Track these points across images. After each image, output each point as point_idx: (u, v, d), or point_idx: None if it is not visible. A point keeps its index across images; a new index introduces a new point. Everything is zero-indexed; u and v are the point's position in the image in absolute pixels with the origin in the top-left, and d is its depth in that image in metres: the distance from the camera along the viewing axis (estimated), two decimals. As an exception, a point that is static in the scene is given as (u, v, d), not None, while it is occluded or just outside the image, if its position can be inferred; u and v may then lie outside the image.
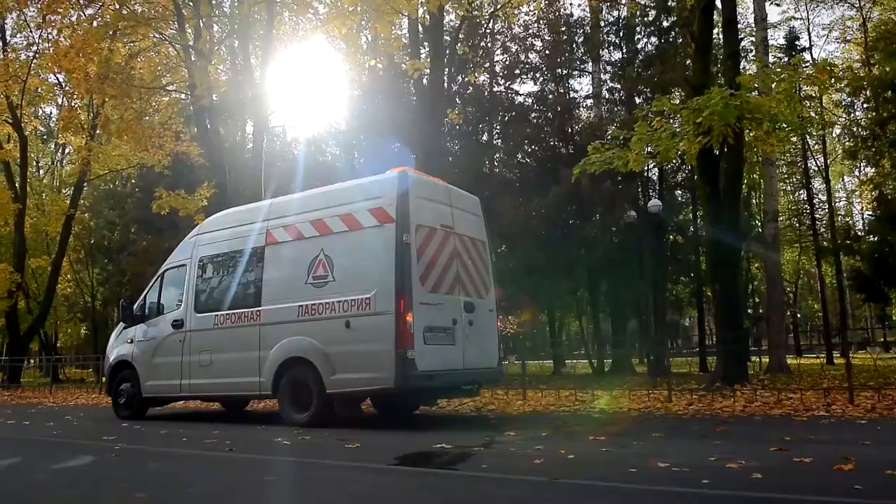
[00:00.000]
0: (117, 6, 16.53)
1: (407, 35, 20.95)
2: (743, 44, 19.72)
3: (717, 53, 18.06)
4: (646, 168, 19.46)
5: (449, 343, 7.81)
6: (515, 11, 23.26)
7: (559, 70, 23.77)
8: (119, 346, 10.20)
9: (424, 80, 18.42)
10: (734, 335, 12.37)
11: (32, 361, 31.60)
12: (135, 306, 10.10)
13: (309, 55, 19.05)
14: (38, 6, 17.77)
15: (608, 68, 24.36)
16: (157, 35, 17.87)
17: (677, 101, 15.78)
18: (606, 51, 24.41)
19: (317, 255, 8.03)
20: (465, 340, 7.99)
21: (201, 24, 16.54)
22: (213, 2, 18.70)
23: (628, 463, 4.74)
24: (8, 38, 26.03)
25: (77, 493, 4.38)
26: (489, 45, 25.15)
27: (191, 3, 16.46)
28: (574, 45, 24.47)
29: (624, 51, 23.85)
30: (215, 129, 17.01)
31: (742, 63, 17.13)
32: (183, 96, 21.89)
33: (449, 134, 21.63)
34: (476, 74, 23.88)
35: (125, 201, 28.20)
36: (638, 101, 21.74)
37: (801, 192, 32.45)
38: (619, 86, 23.77)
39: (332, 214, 8.11)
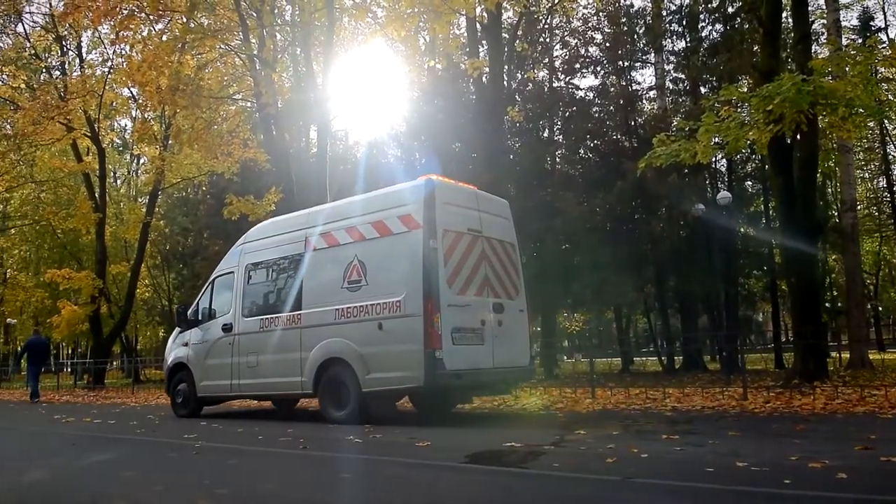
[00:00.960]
0: (185, 20, 17.12)
1: (465, 34, 21.00)
2: (814, 27, 19.00)
3: (787, 38, 17.44)
4: (714, 159, 18.94)
5: (478, 343, 8.10)
6: (574, 5, 23.04)
7: (620, 62, 23.37)
8: (176, 348, 10.87)
9: (484, 79, 18.42)
10: (812, 330, 11.90)
11: (115, 363, 33.08)
12: (189, 311, 10.81)
13: (368, 59, 19.30)
14: (112, 23, 18.50)
15: (671, 58, 23.83)
16: (223, 46, 18.40)
17: (745, 90, 15.31)
18: (669, 40, 23.86)
19: (351, 260, 8.49)
20: (494, 340, 8.26)
21: (265, 34, 16.97)
22: (276, 11, 19.15)
23: (705, 462, 4.64)
24: (84, 55, 27.26)
25: (163, 489, 4.56)
26: (548, 40, 24.94)
27: (254, 14, 16.88)
28: (635, 37, 24.01)
29: (687, 39, 23.25)
30: (281, 136, 17.39)
31: (813, 47, 16.51)
32: (249, 104, 22.49)
33: (509, 132, 21.54)
34: (535, 71, 23.71)
35: (197, 208, 29.13)
36: (703, 90, 21.17)
37: (880, 179, 31.03)
38: (683, 76, 23.19)
39: (364, 222, 8.54)
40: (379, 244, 8.31)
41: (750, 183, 23.30)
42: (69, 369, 35.72)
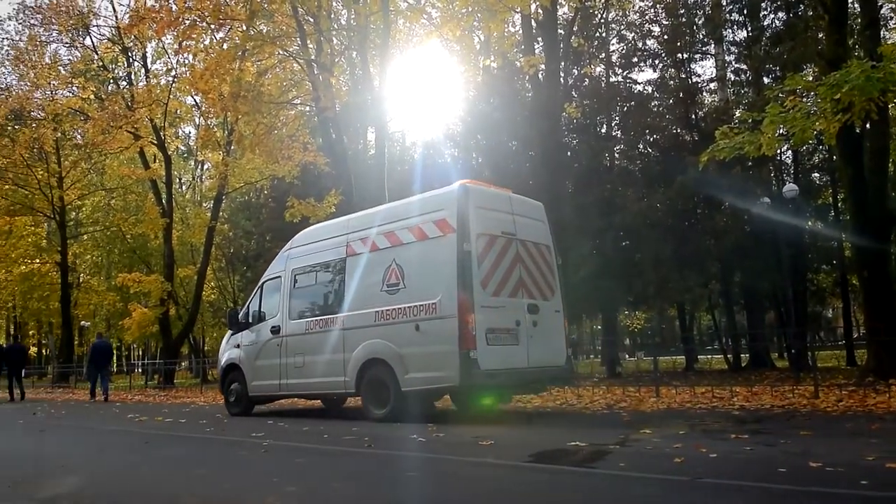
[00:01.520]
0: (245, 28, 17.53)
1: (520, 32, 20.88)
2: (882, 11, 18.23)
3: (853, 24, 16.78)
4: (779, 151, 18.37)
5: (512, 343, 8.29)
6: (630, -1, 22.68)
7: (679, 55, 22.86)
8: (229, 350, 11.39)
9: (540, 76, 18.29)
10: (886, 326, 11.44)
11: (183, 364, 34.15)
12: (240, 314, 11.33)
13: (424, 60, 19.42)
14: (175, 33, 19.08)
15: (732, 49, 23.17)
16: (282, 52, 18.76)
17: (811, 79, 14.80)
18: (730, 31, 23.21)
19: (389, 264, 8.79)
20: (529, 340, 8.42)
21: (322, 39, 17.25)
22: (332, 16, 19.43)
23: (776, 462, 4.52)
24: (149, 65, 28.23)
25: (233, 485, 4.70)
26: (604, 35, 24.60)
27: (311, 20, 17.17)
28: (694, 28, 23.45)
29: (749, 29, 22.59)
30: (339, 139, 17.65)
31: (882, 32, 15.84)
32: (308, 109, 22.91)
33: (566, 128, 21.34)
34: (592, 66, 23.43)
35: (260, 211, 29.80)
36: (766, 81, 20.55)
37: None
38: (744, 66, 22.56)
39: (402, 227, 8.84)
40: (416, 248, 8.60)
41: (817, 175, 22.51)
42: (140, 370, 37.02)
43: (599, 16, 23.99)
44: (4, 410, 14.76)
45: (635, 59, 22.98)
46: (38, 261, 34.71)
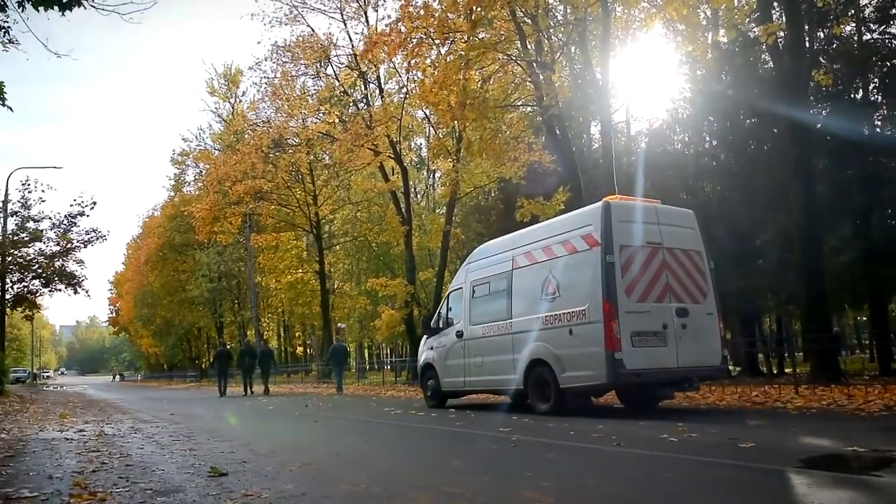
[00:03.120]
0: (467, 38, 18.20)
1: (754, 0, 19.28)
2: None
3: None
4: None
5: (660, 345, 8.91)
6: (885, -58, 19.90)
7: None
8: (425, 351, 13.08)
9: (779, 44, 16.74)
10: None
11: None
12: (432, 321, 13.04)
13: (646, 45, 18.73)
14: (404, 53, 20.36)
15: None
16: (503, 56, 19.18)
17: None
18: None
19: (547, 275, 9.85)
20: (678, 342, 8.97)
21: (541, 38, 17.36)
22: (549, 14, 19.47)
23: None
24: (383, 85, 30.37)
25: (489, 479, 4.87)
26: (853, -13, 21.87)
27: (529, 21, 17.36)
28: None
29: None
30: (564, 135, 17.63)
31: None
32: (530, 109, 23.20)
33: (814, 98, 19.30)
34: (840, 25, 20.92)
35: (489, 214, 30.72)
36: None
37: None
38: None
39: (556, 241, 9.91)
40: (568, 261, 9.59)
41: None
42: (389, 367, 39.88)
43: (846, -33, 21.39)
44: (281, 403, 16.71)
45: (894, 11, 20.13)
46: (300, 271, 39.02)
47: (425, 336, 13.30)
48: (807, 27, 16.77)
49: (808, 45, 17.13)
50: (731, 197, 20.65)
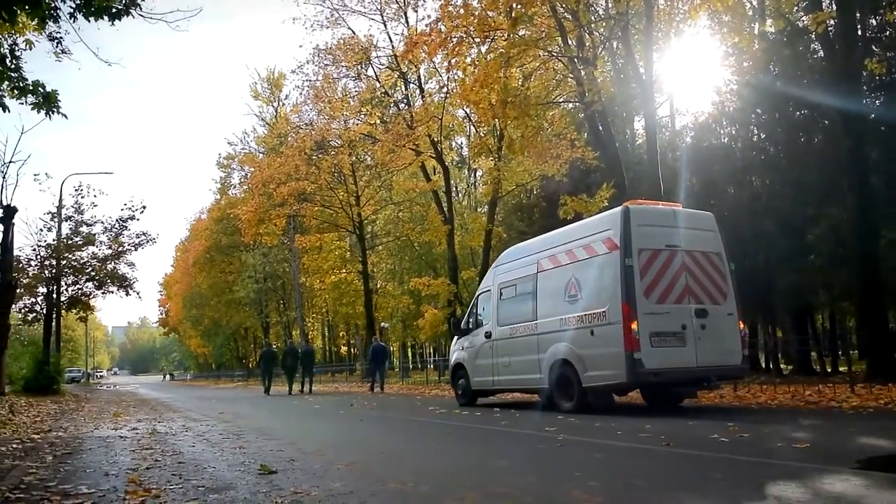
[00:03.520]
0: (507, 36, 18.12)
1: (803, -12, 18.77)
2: None
3: None
4: None
5: (678, 345, 9.14)
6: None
7: None
8: (456, 351, 13.57)
9: (829, 33, 16.27)
10: None
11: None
12: (462, 322, 13.50)
13: (690, 37, 18.39)
14: (445, 52, 20.38)
15: None
16: (544, 53, 19.04)
17: None
18: None
19: (569, 278, 10.18)
20: (697, 342, 9.19)
21: (582, 33, 17.18)
22: (590, 8, 19.26)
23: None
24: (423, 85, 30.47)
25: (536, 479, 4.84)
26: (908, -28, 21.12)
27: (569, 16, 17.19)
28: None
29: None
30: (607, 131, 17.42)
31: None
32: (572, 106, 23.00)
33: (867, 88, 18.70)
34: (894, 11, 20.24)
35: (532, 212, 30.55)
36: None
37: None
38: None
39: (578, 245, 10.21)
40: (589, 264, 9.87)
41: None
42: (432, 366, 39.97)
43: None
44: (326, 402, 16.89)
45: (953, -5, 19.38)
46: (344, 271, 39.38)
47: (456, 337, 13.86)
48: (858, 14, 16.24)
49: (860, 32, 16.59)
50: (781, 191, 20.16)
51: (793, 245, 18.55)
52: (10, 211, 18.93)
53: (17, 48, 8.64)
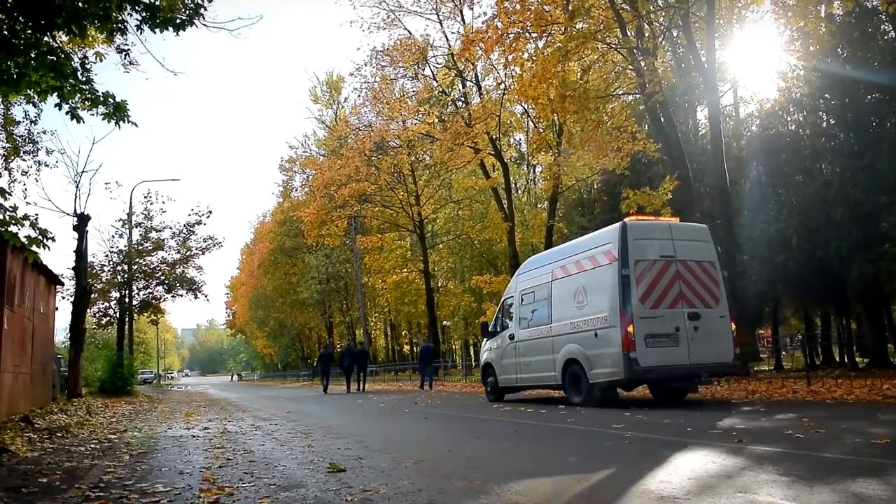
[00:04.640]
0: (564, 29, 17.93)
1: (873, -34, 18.00)
2: None
3: None
4: None
5: (672, 345, 10.26)
6: None
7: None
8: (485, 352, 14.92)
9: (903, 12, 15.51)
10: None
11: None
12: (490, 326, 14.76)
13: (753, 23, 17.85)
14: (502, 49, 20.30)
15: None
16: (602, 46, 18.78)
17: None
18: None
19: (578, 286, 11.47)
20: (690, 343, 10.29)
21: (642, 23, 16.86)
22: (649, -2, 18.88)
23: None
24: (481, 82, 30.41)
25: (606, 474, 4.78)
26: None
27: (627, 7, 16.90)
28: None
29: None
30: (669, 122, 17.06)
31: None
32: (632, 98, 22.58)
33: (946, 67, 17.78)
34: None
35: (593, 206, 30.13)
36: None
37: None
38: None
39: (584, 256, 11.48)
40: (593, 273, 11.11)
41: None
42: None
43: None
44: (391, 400, 17.06)
45: None
46: (405, 270, 39.71)
47: (485, 339, 15.15)
48: (935, -9, 15.43)
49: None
50: (852, 178, 19.33)
51: (866, 233, 17.77)
52: (84, 219, 19.79)
53: (87, 61, 8.97)
